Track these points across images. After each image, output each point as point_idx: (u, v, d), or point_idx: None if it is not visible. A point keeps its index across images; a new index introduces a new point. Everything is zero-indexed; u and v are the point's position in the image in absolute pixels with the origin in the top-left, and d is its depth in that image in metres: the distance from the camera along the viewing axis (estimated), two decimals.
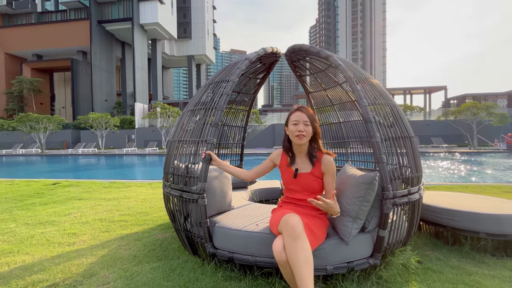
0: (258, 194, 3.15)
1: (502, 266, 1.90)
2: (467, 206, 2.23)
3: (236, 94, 3.36)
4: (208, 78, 2.43)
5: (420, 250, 2.16)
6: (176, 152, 2.11)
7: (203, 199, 1.76)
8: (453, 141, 20.39)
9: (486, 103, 17.96)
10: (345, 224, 1.59)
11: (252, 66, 2.82)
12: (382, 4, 75.02)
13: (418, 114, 23.20)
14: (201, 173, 1.77)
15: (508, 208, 2.16)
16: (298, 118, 1.63)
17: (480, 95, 28.45)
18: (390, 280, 1.68)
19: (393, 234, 1.75)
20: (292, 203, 1.71)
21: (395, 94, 34.40)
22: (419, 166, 1.94)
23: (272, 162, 1.80)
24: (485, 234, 2.07)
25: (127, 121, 27.64)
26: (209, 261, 1.86)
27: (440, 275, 1.78)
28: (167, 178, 2.17)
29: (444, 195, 2.68)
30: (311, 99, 3.49)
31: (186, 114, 2.22)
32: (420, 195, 1.89)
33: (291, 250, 1.28)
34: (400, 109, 2.11)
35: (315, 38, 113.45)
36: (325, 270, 1.56)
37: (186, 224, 1.98)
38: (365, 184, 1.57)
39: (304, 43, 2.34)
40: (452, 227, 2.20)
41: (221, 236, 1.78)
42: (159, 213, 3.43)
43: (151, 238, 2.55)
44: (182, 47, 42.52)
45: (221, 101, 1.89)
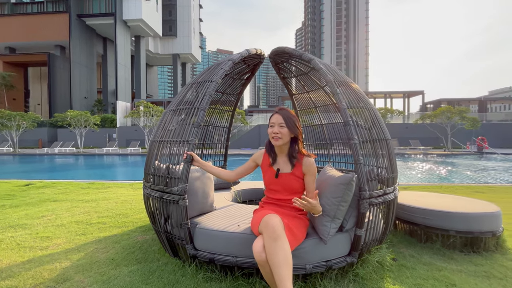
0: (242, 194, 3.15)
1: (469, 261, 2.03)
2: (439, 205, 2.36)
3: (221, 94, 3.35)
4: (194, 77, 2.41)
5: (395, 247, 2.26)
6: (157, 153, 2.07)
7: (184, 200, 1.74)
8: (429, 144, 21.41)
9: (459, 108, 19.02)
10: (324, 224, 1.63)
11: (236, 67, 2.82)
12: (365, 11, 77.51)
13: (397, 117, 24.16)
14: (182, 174, 1.75)
15: (476, 208, 2.30)
16: (275, 121, 1.67)
17: (454, 100, 30.08)
18: (366, 277, 1.74)
19: (370, 233, 1.82)
20: (274, 203, 1.73)
21: (377, 97, 35.60)
22: (394, 167, 2.03)
23: (254, 162, 1.81)
24: (454, 232, 2.19)
25: (108, 119, 26.68)
26: (189, 262, 1.84)
27: (413, 271, 1.87)
28: (147, 179, 2.13)
29: (418, 195, 2.82)
30: (295, 101, 3.55)
31: (168, 114, 2.19)
32: (395, 195, 1.97)
33: (271, 250, 1.30)
34: (378, 112, 2.19)
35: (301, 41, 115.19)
36: (304, 269, 1.59)
37: (166, 226, 1.95)
38: (343, 185, 1.62)
39: (288, 46, 2.38)
40: (425, 226, 2.32)
41: (202, 237, 1.77)
42: (140, 214, 3.35)
43: (131, 240, 2.48)
44: (167, 45, 41.68)
45: (203, 102, 1.88)
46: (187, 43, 41.69)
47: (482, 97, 34.05)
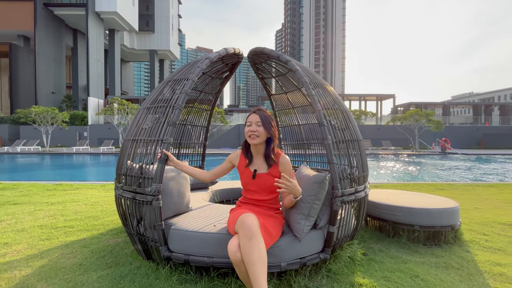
0: (219, 194, 3.13)
1: (431, 253, 2.19)
2: (405, 202, 2.52)
3: (198, 93, 3.30)
4: (170, 75, 2.35)
5: (366, 243, 2.37)
6: (130, 152, 1.99)
7: (158, 201, 1.69)
8: (399, 144, 22.74)
9: (426, 111, 20.38)
10: (299, 222, 1.67)
11: (214, 65, 2.80)
12: (342, 16, 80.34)
13: (371, 119, 25.35)
14: (156, 174, 1.70)
15: (437, 204, 2.49)
16: (252, 119, 1.69)
17: (422, 103, 32.20)
18: (338, 272, 1.81)
19: (342, 229, 1.89)
20: (250, 203, 1.74)
21: (352, 100, 37.11)
22: (365, 166, 2.13)
23: (231, 163, 1.81)
24: (418, 227, 2.35)
25: (78, 116, 25.11)
26: (163, 265, 1.80)
27: (381, 264, 1.98)
28: (119, 179, 2.04)
29: (388, 193, 2.98)
30: (273, 101, 3.59)
31: (142, 112, 2.12)
32: (365, 193, 2.07)
33: (246, 249, 1.31)
34: (351, 114, 2.29)
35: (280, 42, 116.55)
36: (279, 266, 1.62)
37: (139, 228, 1.88)
38: (317, 184, 1.67)
39: (266, 47, 2.40)
40: (393, 221, 2.46)
41: (177, 238, 1.73)
42: (112, 217, 3.20)
43: (101, 244, 2.36)
44: (144, 41, 40.13)
45: (179, 100, 1.84)
46: (165, 40, 40.44)
47: (445, 101, 36.81)
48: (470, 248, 2.30)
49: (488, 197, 4.32)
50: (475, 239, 2.48)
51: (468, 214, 3.31)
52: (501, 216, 3.24)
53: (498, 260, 2.07)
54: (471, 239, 2.48)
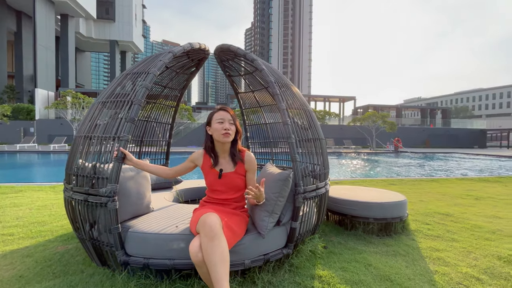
0: (184, 194, 3.03)
1: (383, 243, 2.39)
2: (362, 197, 2.71)
3: (162, 88, 3.15)
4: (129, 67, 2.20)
5: (326, 236, 2.50)
6: (82, 150, 1.83)
7: (113, 202, 1.57)
8: (359, 143, 24.44)
9: (382, 113, 22.19)
10: (263, 219, 1.70)
11: (178, 60, 2.69)
12: (309, 19, 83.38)
13: (334, 119, 26.80)
14: (111, 173, 1.58)
15: (388, 198, 2.72)
16: (224, 117, 1.66)
17: (379, 106, 34.97)
18: (300, 266, 1.88)
19: (304, 225, 1.97)
20: (216, 202, 1.71)
21: (317, 101, 38.78)
22: (326, 164, 2.25)
23: (193, 163, 1.76)
24: (373, 219, 2.55)
25: (23, 110, 22.31)
26: (120, 270, 1.69)
27: (340, 256, 2.10)
28: (69, 180, 1.86)
29: (347, 188, 3.18)
30: (240, 100, 3.59)
31: (97, 106, 1.95)
32: (326, 189, 2.18)
33: (208, 249, 1.29)
34: (314, 114, 2.39)
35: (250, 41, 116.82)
36: (243, 264, 1.62)
37: (92, 232, 1.74)
38: (281, 181, 1.71)
39: (232, 44, 2.38)
40: (351, 215, 2.63)
41: (135, 241, 1.63)
42: (62, 221, 2.91)
43: (47, 252, 2.13)
44: (103, 30, 37.07)
45: (139, 95, 1.73)
46: (127, 30, 37.86)
47: (398, 104, 40.44)
48: (415, 236, 2.57)
49: (430, 191, 4.86)
50: (419, 228, 2.78)
51: (414, 206, 3.68)
52: (440, 207, 3.67)
53: (437, 246, 2.34)
54: (416, 229, 2.77)
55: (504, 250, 2.24)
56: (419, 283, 1.73)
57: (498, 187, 5.31)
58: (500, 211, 3.51)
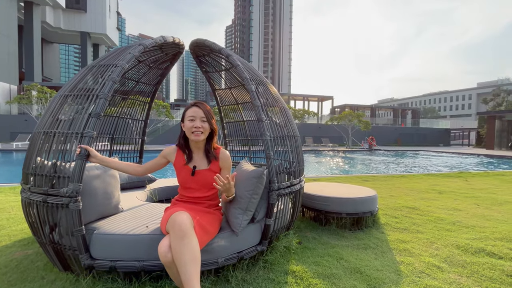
0: (158, 193, 2.93)
1: (354, 237, 2.48)
2: (336, 193, 2.79)
3: (134, 83, 3.02)
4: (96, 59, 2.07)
5: (301, 232, 2.54)
6: (41, 147, 1.69)
7: (76, 203, 1.47)
8: (336, 142, 25.26)
9: (358, 113, 23.10)
10: (237, 217, 1.68)
11: (151, 54, 2.58)
12: (289, 19, 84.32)
13: (313, 118, 27.43)
14: (74, 172, 1.48)
15: (360, 193, 2.83)
16: (195, 114, 1.61)
17: (354, 106, 36.37)
18: (275, 262, 1.90)
19: (278, 221, 1.98)
20: (188, 201, 1.67)
21: (297, 99, 39.45)
22: (301, 161, 2.28)
23: (165, 158, 1.71)
24: (345, 214, 2.64)
25: None
26: (85, 275, 1.59)
27: (314, 251, 2.15)
28: (26, 180, 1.71)
29: (322, 185, 3.26)
30: (218, 96, 3.53)
31: (59, 100, 1.81)
32: (301, 185, 2.22)
33: (177, 249, 1.25)
34: (289, 112, 2.41)
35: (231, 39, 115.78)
36: (216, 263, 1.60)
37: (53, 236, 1.62)
38: (255, 178, 1.71)
39: (207, 39, 2.33)
40: (325, 211, 2.70)
41: (101, 243, 1.54)
42: (22, 225, 2.69)
43: (3, 258, 1.96)
44: (74, 21, 34.69)
45: (105, 88, 1.63)
46: (100, 22, 35.76)
47: (373, 104, 42.34)
48: (384, 229, 2.70)
49: (400, 186, 5.14)
50: (388, 222, 2.92)
51: (385, 201, 3.87)
52: (408, 201, 3.89)
53: (403, 238, 2.47)
54: (385, 222, 2.91)
55: (462, 240, 2.42)
56: (386, 274, 1.82)
57: (459, 182, 5.74)
58: (460, 203, 3.80)
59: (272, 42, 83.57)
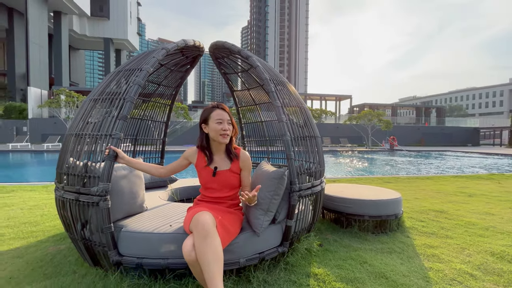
0: (180, 192, 3.00)
1: (377, 240, 2.40)
2: (358, 195, 2.72)
3: (156, 86, 3.11)
4: (122, 64, 2.16)
5: (322, 234, 2.50)
6: (73, 148, 1.79)
7: (105, 201, 1.54)
8: (355, 142, 24.58)
9: (378, 112, 22.34)
10: (258, 217, 1.68)
11: (172, 57, 2.66)
12: (305, 18, 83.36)
13: (330, 118, 26.91)
14: (103, 172, 1.55)
15: (384, 195, 2.73)
16: (222, 117, 1.64)
17: (374, 104, 35.23)
18: (296, 264, 1.87)
19: (299, 223, 1.96)
20: (210, 201, 1.70)
21: (314, 99, 38.90)
22: (322, 162, 2.24)
23: (187, 160, 1.75)
24: (368, 217, 2.55)
25: (15, 109, 21.95)
26: (113, 271, 1.66)
27: (335, 254, 2.10)
28: (60, 179, 1.82)
29: (343, 186, 3.18)
30: (236, 98, 3.56)
31: (88, 103, 1.91)
32: (322, 187, 2.18)
33: (201, 248, 1.27)
34: (309, 112, 2.38)
35: (246, 40, 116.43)
36: (238, 263, 1.61)
37: (84, 232, 1.71)
38: (276, 179, 1.70)
39: (227, 41, 2.35)
40: (346, 213, 2.64)
41: (128, 241, 1.61)
42: (54, 221, 2.86)
43: (39, 253, 2.09)
44: (98, 27, 36.59)
45: (131, 92, 1.70)
46: (122, 28, 37.41)
47: (394, 103, 40.79)
48: (410, 233, 2.58)
49: (424, 188, 4.90)
50: (414, 226, 2.79)
51: (409, 203, 3.71)
52: (434, 204, 3.70)
53: (431, 243, 2.35)
54: (411, 226, 2.78)
55: (497, 247, 2.26)
56: (413, 280, 1.74)
57: (491, 184, 5.38)
58: (493, 207, 3.55)
59: (288, 42, 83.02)
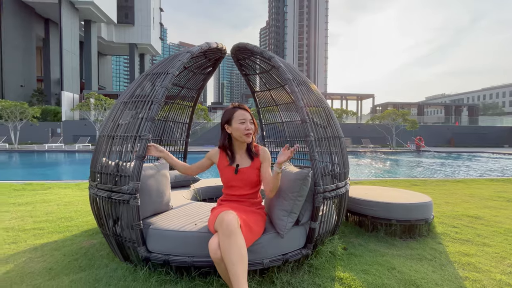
0: (202, 192, 3.07)
1: (406, 246, 2.29)
2: (383, 197, 2.61)
3: (180, 88, 3.21)
4: (149, 68, 2.25)
5: (346, 238, 2.43)
6: (105, 148, 1.89)
7: (135, 199, 1.62)
8: (378, 142, 23.64)
9: (402, 111, 21.32)
10: (281, 218, 1.68)
11: (196, 60, 2.72)
12: (325, 16, 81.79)
13: (351, 118, 26.13)
14: (133, 171, 1.62)
15: (412, 199, 2.60)
16: (245, 117, 1.68)
17: (399, 103, 33.71)
18: (320, 267, 1.84)
19: (323, 225, 1.92)
20: (233, 200, 1.72)
21: (334, 99, 38.00)
22: (346, 163, 2.18)
23: (210, 160, 1.80)
24: (395, 221, 2.44)
25: (51, 112, 23.66)
26: (142, 266, 1.73)
27: (361, 258, 2.03)
28: (94, 178, 1.93)
29: (367, 188, 3.07)
30: (257, 99, 3.57)
31: (119, 106, 2.01)
32: (346, 189, 2.12)
33: (225, 247, 1.29)
34: (332, 111, 2.32)
35: (265, 40, 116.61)
36: (261, 264, 1.61)
37: (115, 228, 1.80)
38: (300, 180, 1.68)
39: (249, 43, 2.37)
40: (372, 216, 2.54)
41: (156, 238, 1.67)
42: (87, 217, 3.04)
43: (74, 246, 2.23)
44: (123, 34, 38.49)
45: (158, 94, 1.76)
46: (145, 33, 39.05)
47: (420, 102, 38.76)
48: (442, 240, 2.43)
49: (456, 192, 4.60)
50: (446, 232, 2.63)
51: (440, 208, 3.50)
52: (468, 209, 3.45)
53: (466, 250, 2.20)
54: (442, 232, 2.62)
55: None
56: None
57: None
58: None
59: (307, 42, 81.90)
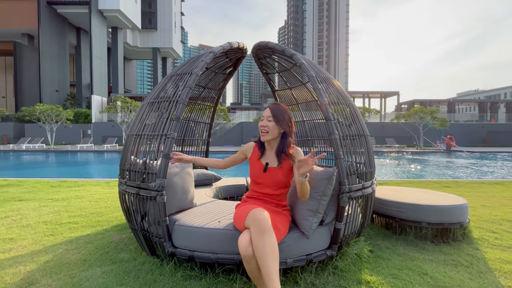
0: (223, 191, 3.11)
1: (439, 251, 2.15)
2: (412, 199, 2.47)
3: (202, 89, 3.27)
4: (173, 69, 2.33)
5: (372, 240, 2.33)
6: (133, 147, 1.97)
7: (162, 196, 1.67)
8: (404, 142, 22.51)
9: (430, 109, 20.16)
10: (306, 219, 1.64)
11: (218, 60, 2.76)
12: (346, 12, 79.53)
13: (374, 117, 25.14)
14: (160, 169, 1.68)
15: (445, 201, 2.44)
16: (264, 114, 1.68)
17: (426, 101, 31.89)
18: (345, 269, 1.78)
19: (349, 226, 1.86)
20: (258, 198, 1.71)
21: (355, 97, 36.78)
22: (372, 162, 2.09)
23: (243, 154, 1.81)
24: (426, 224, 2.31)
25: (82, 114, 25.26)
26: (168, 261, 1.78)
27: (388, 262, 1.94)
28: (123, 175, 2.02)
29: (393, 189, 2.93)
30: (277, 98, 3.55)
31: (146, 107, 2.09)
32: (372, 189, 2.03)
33: (259, 243, 1.28)
34: (357, 109, 2.25)
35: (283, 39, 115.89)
36: (285, 263, 1.59)
37: (143, 223, 1.87)
38: (325, 179, 1.64)
39: (270, 41, 2.36)
40: (400, 218, 2.42)
41: (181, 234, 1.71)
42: (116, 213, 3.20)
43: (105, 240, 2.36)
44: (147, 39, 40.14)
45: (183, 94, 1.81)
46: (167, 37, 40.41)
47: (450, 98, 36.35)
48: (479, 245, 2.26)
49: (494, 195, 4.25)
50: (484, 237, 2.43)
51: (476, 211, 3.25)
52: (509, 213, 3.18)
53: (508, 258, 2.02)
54: (480, 237, 2.43)
55: None
56: None
57: None
58: None
59: (327, 39, 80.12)
